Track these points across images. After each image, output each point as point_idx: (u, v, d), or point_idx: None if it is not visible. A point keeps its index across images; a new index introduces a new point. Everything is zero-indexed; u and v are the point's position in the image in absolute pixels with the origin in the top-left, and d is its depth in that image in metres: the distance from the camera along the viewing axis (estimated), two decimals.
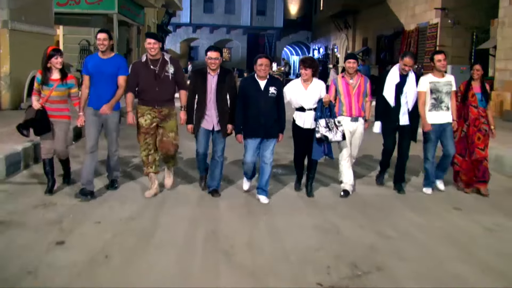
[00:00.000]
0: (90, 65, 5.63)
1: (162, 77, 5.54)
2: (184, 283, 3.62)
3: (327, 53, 37.26)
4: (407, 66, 6.09)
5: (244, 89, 5.68)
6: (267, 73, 5.61)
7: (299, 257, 4.17)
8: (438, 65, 6.11)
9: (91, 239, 4.40)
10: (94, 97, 5.62)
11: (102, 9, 18.22)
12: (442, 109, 6.15)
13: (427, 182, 6.35)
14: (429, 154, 6.23)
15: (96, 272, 3.74)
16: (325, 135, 5.65)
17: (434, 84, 6.13)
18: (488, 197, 6.14)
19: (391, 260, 4.17)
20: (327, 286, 3.65)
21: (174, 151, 5.81)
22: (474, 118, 6.28)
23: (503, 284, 3.77)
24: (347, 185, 6.11)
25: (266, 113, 5.60)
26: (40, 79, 5.61)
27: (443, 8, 18.22)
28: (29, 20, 11.77)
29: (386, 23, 23.73)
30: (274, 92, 5.62)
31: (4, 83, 11.01)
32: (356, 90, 6.08)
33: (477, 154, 6.24)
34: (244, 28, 46.82)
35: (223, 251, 4.22)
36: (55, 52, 5.62)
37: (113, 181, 6.03)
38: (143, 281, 3.62)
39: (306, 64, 5.79)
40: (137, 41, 24.10)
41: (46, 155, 5.75)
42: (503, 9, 13.85)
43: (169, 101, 5.67)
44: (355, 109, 6.08)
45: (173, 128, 5.70)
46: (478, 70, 6.30)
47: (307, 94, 5.81)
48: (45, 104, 5.60)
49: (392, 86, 6.14)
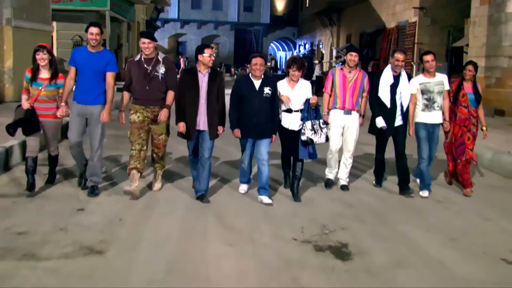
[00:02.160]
0: (77, 57, 5.53)
1: (152, 76, 5.51)
2: (183, 237, 4.51)
3: (313, 49, 38.15)
4: (399, 62, 5.97)
5: (238, 88, 5.67)
6: (262, 72, 5.58)
7: (279, 220, 5.08)
8: (426, 66, 6.07)
9: (106, 207, 5.27)
10: (80, 92, 5.55)
11: (95, 6, 19.01)
12: (435, 109, 6.10)
13: (423, 185, 6.20)
14: (423, 153, 6.12)
15: (114, 229, 4.62)
16: (311, 138, 5.64)
17: (425, 85, 6.09)
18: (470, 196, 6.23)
19: (353, 223, 5.10)
20: (300, 240, 4.56)
21: (163, 152, 5.81)
22: (464, 119, 6.24)
23: (440, 238, 4.72)
24: (342, 181, 6.32)
25: (260, 113, 5.56)
26: (29, 78, 5.56)
27: (421, 8, 19.19)
28: (29, 18, 12.50)
29: (368, 21, 24.68)
30: (268, 92, 5.59)
31: (8, 77, 11.77)
32: (352, 84, 6.07)
33: (467, 155, 6.22)
34: (231, 24, 47.56)
35: (216, 214, 5.13)
36: (39, 47, 5.54)
37: (93, 187, 5.65)
38: (153, 236, 4.50)
39: (298, 65, 5.71)
40: (127, 37, 24.83)
41: (31, 153, 5.60)
42: (474, 9, 14.81)
43: (161, 100, 5.60)
44: (348, 102, 6.08)
45: (162, 131, 5.67)
46: (471, 70, 6.22)
47: (294, 94, 5.75)
48: (34, 103, 5.53)
49: (387, 87, 6.04)
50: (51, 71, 5.60)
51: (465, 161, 6.24)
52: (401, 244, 4.54)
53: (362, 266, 4.04)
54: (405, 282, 3.77)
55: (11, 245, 4.14)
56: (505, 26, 13.35)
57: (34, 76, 5.54)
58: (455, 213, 5.58)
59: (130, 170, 5.55)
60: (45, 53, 5.52)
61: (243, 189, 6.05)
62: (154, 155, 5.85)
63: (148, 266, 3.85)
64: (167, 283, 3.60)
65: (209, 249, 4.26)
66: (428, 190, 6.17)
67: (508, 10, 13.22)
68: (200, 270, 3.83)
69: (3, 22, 11.58)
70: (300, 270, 3.90)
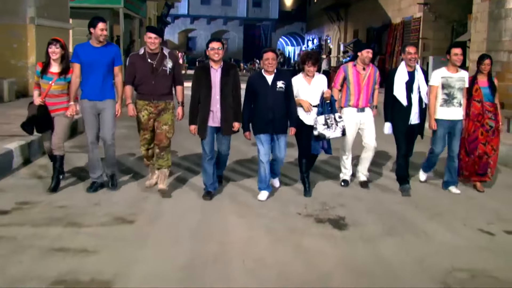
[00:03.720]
0: (81, 54, 5.47)
1: (160, 71, 5.47)
2: (201, 211, 5.19)
3: (321, 44, 38.65)
4: (412, 55, 5.88)
5: (251, 86, 5.60)
6: (274, 67, 5.51)
7: (285, 199, 5.73)
8: (454, 59, 5.93)
9: (131, 187, 5.99)
10: (88, 88, 5.51)
11: (109, 4, 19.64)
12: (454, 105, 6.00)
13: (447, 182, 6.20)
14: (437, 149, 6.13)
15: (141, 204, 5.34)
16: (323, 133, 5.62)
17: (446, 79, 5.98)
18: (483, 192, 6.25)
19: (352, 201, 5.74)
20: (303, 214, 5.21)
21: (167, 143, 5.63)
22: (477, 113, 6.16)
23: (429, 215, 5.34)
24: (362, 176, 6.28)
25: (275, 108, 5.49)
26: (39, 72, 5.58)
27: (426, 3, 19.67)
28: (50, 16, 13.23)
29: (375, 16, 25.17)
30: (282, 86, 5.51)
31: (31, 72, 12.47)
32: (366, 81, 6.00)
33: (479, 149, 6.18)
34: (240, 19, 48.14)
35: (229, 194, 5.79)
36: (52, 41, 5.54)
37: (112, 177, 5.79)
38: (175, 210, 5.20)
39: (313, 60, 5.70)
40: (139, 33, 25.54)
41: (50, 152, 5.81)
42: (476, 5, 15.29)
43: (166, 95, 5.58)
44: (362, 100, 6.01)
45: (167, 121, 5.58)
46: (488, 64, 6.10)
47: (311, 89, 5.75)
48: (45, 98, 5.56)
49: (403, 85, 5.93)
50: (62, 66, 5.56)
51: (477, 156, 6.19)
52: (392, 218, 5.17)
53: (357, 234, 4.68)
54: (392, 247, 4.41)
55: (55, 215, 4.86)
56: (505, 21, 13.83)
57: (45, 70, 5.54)
58: (444, 193, 6.17)
59: (147, 165, 6.02)
60: (57, 47, 5.50)
61: (263, 196, 5.64)
62: (157, 149, 5.65)
63: (172, 231, 4.55)
64: (186, 244, 4.27)
65: (223, 220, 4.95)
66: (455, 185, 6.15)
67: (508, 6, 13.71)
68: (216, 235, 4.51)
69: (26, 20, 12.33)
70: (302, 237, 4.56)
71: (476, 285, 3.73)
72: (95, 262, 3.84)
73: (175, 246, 4.22)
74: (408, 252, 4.28)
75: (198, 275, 3.71)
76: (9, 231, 4.42)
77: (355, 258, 4.14)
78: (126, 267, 3.78)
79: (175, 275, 3.70)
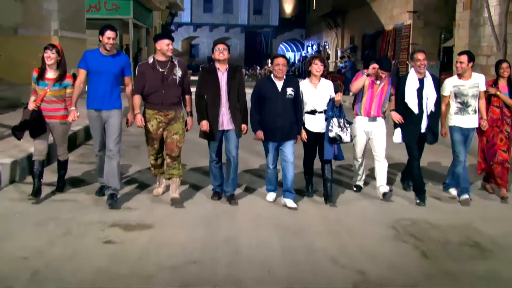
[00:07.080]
0: (91, 61, 5.35)
1: (170, 80, 5.39)
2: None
3: (319, 50, 39.66)
4: (421, 61, 5.74)
5: (260, 90, 5.56)
6: (284, 73, 5.48)
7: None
8: (457, 66, 5.92)
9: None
10: (94, 97, 5.39)
11: (119, 15, 20.84)
12: (469, 113, 5.89)
13: (462, 189, 5.93)
14: (460, 157, 5.88)
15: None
16: (339, 134, 5.53)
17: (458, 87, 5.87)
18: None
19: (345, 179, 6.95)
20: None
21: (178, 152, 5.52)
22: (496, 119, 6.04)
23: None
24: (383, 188, 6.03)
25: (284, 115, 5.45)
26: (35, 78, 5.47)
27: (415, 11, 20.94)
28: (70, 28, 14.61)
29: (369, 23, 26.32)
30: (291, 93, 5.47)
31: None
32: (380, 91, 5.90)
33: (499, 156, 6.04)
34: (241, 26, 49.20)
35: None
36: (48, 46, 5.45)
37: (112, 196, 5.40)
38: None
39: (320, 59, 5.68)
40: (145, 42, 26.83)
41: (38, 157, 5.60)
42: (459, 13, 16.52)
43: (176, 105, 5.50)
44: (374, 109, 5.93)
45: (178, 130, 5.48)
46: (507, 68, 5.99)
47: (318, 94, 5.69)
48: (41, 104, 5.45)
49: (414, 92, 5.82)
50: (58, 72, 5.46)
51: (497, 163, 6.06)
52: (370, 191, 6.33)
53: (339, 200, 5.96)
54: (362, 208, 5.74)
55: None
56: (483, 28, 15.09)
57: (41, 76, 5.44)
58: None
59: (154, 175, 5.97)
60: (53, 52, 5.39)
61: (271, 197, 5.83)
62: (168, 159, 5.56)
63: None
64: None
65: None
66: (467, 194, 5.90)
67: (485, 15, 15.01)
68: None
69: (51, 32, 13.73)
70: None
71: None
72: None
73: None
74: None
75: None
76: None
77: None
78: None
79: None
